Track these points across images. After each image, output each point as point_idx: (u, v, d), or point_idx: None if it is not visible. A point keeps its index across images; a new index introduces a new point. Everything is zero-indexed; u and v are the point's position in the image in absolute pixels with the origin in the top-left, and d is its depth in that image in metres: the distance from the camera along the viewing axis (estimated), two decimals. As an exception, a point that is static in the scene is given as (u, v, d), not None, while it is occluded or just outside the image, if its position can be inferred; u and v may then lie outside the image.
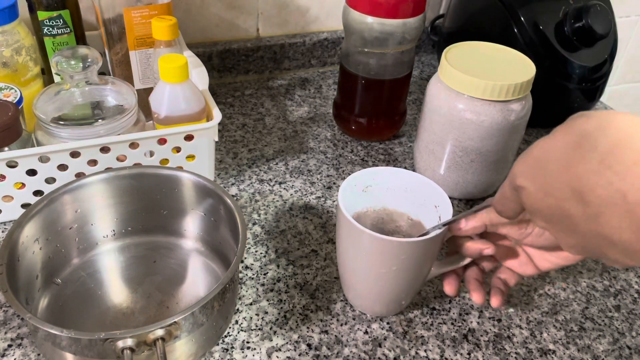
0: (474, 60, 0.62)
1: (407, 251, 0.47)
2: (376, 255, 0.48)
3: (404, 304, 0.53)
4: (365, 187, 0.53)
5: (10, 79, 0.65)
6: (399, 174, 0.53)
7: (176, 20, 0.63)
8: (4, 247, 0.45)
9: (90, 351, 0.41)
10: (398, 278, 0.49)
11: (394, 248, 0.46)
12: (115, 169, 0.54)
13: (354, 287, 0.53)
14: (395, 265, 0.47)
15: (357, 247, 0.48)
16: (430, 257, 0.49)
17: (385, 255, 0.47)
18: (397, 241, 0.46)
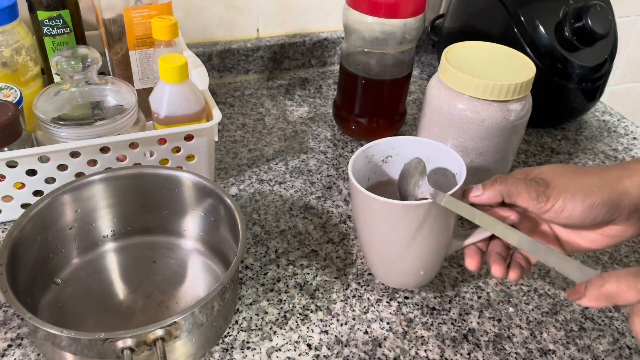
0: (474, 60, 0.62)
1: (415, 216, 0.45)
2: (384, 221, 0.47)
3: (423, 274, 0.52)
4: (385, 158, 0.52)
5: (10, 79, 0.65)
6: (419, 143, 0.52)
7: (176, 20, 0.63)
8: (4, 247, 0.45)
9: (90, 351, 0.41)
10: (411, 245, 0.48)
11: (399, 212, 0.45)
12: (115, 169, 0.54)
13: (370, 255, 0.53)
14: (404, 231, 0.46)
15: (366, 213, 0.48)
16: (444, 225, 0.47)
17: (393, 220, 0.46)
18: (401, 204, 0.45)
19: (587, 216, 0.44)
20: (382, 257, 0.52)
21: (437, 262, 0.52)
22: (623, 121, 0.87)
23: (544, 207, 0.45)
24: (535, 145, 0.80)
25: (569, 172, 0.46)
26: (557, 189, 0.44)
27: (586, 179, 0.45)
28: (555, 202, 0.44)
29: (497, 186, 0.46)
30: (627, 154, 0.80)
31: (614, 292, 0.37)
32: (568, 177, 0.45)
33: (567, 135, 0.83)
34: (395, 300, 0.55)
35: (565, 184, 0.44)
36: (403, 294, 0.56)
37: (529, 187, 0.45)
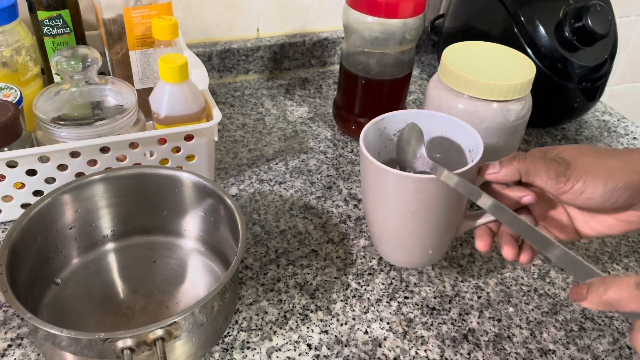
0: (474, 60, 0.62)
1: (425, 189, 0.44)
2: (393, 193, 0.45)
3: (432, 253, 0.50)
4: (397, 132, 0.50)
5: (10, 79, 0.65)
6: (433, 117, 0.50)
7: (176, 20, 0.63)
8: (4, 247, 0.45)
9: (90, 351, 0.41)
10: (419, 220, 0.46)
11: (410, 184, 0.43)
12: (115, 169, 0.55)
13: (378, 232, 0.51)
14: (414, 206, 0.45)
15: (376, 186, 0.46)
16: (454, 201, 0.46)
17: (402, 192, 0.44)
18: (413, 177, 0.43)
19: (607, 199, 0.42)
20: (390, 233, 0.50)
21: (446, 241, 0.50)
22: (623, 121, 0.87)
23: (563, 187, 0.43)
24: (535, 145, 0.80)
25: (591, 152, 0.44)
26: (578, 170, 0.42)
27: (609, 161, 0.43)
28: (575, 183, 0.42)
29: (515, 164, 0.44)
30: (627, 154, 0.80)
31: (616, 301, 0.35)
32: (590, 158, 0.43)
33: (567, 135, 0.83)
34: (395, 300, 0.55)
35: (587, 164, 0.43)
36: (403, 294, 0.56)
37: (549, 167, 0.43)
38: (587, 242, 0.64)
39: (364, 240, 0.62)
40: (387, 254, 0.54)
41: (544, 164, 0.43)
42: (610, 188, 0.42)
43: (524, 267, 0.60)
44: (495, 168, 0.44)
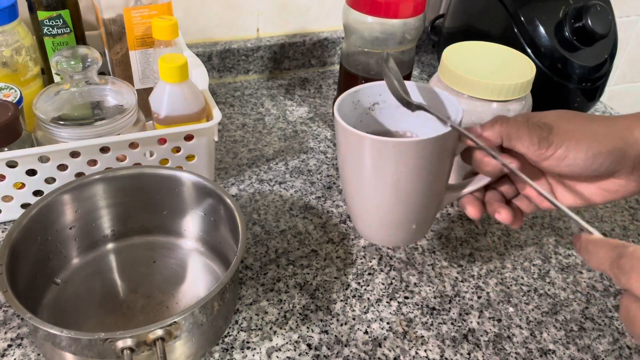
0: (474, 60, 0.62)
1: (406, 154, 0.42)
2: (372, 162, 0.43)
3: (415, 228, 0.48)
4: (372, 105, 0.48)
5: (10, 79, 0.65)
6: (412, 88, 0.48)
7: (176, 20, 0.63)
8: (4, 247, 0.45)
9: (90, 351, 0.41)
10: (401, 190, 0.44)
11: (390, 149, 0.41)
12: (115, 169, 0.55)
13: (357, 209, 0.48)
14: (395, 174, 0.43)
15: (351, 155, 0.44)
16: (436, 168, 0.44)
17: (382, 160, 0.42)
18: (391, 141, 0.41)
19: (590, 165, 0.41)
20: (371, 208, 0.48)
21: (430, 214, 0.48)
22: None
23: (545, 153, 0.42)
24: (535, 145, 0.80)
25: (575, 118, 0.42)
26: (561, 135, 0.41)
27: (593, 126, 0.42)
28: (558, 149, 0.41)
29: (497, 127, 0.42)
30: None
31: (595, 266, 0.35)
32: (574, 123, 0.42)
33: (567, 135, 0.83)
34: (395, 300, 0.55)
35: (570, 130, 0.41)
36: (403, 294, 0.56)
37: (531, 131, 0.41)
38: (587, 242, 0.64)
39: (364, 240, 0.62)
40: (369, 232, 0.51)
41: (526, 128, 0.42)
42: (593, 154, 0.41)
43: (524, 267, 0.60)
44: (477, 130, 0.43)
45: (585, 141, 0.41)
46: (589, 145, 0.41)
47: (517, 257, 0.61)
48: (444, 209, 0.48)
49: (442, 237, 0.63)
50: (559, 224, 0.66)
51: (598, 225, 0.67)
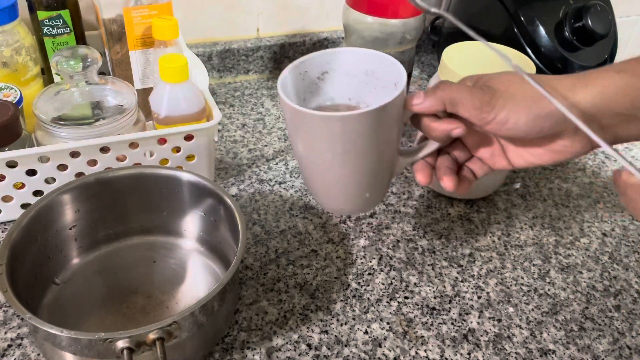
0: (474, 60, 0.62)
1: (351, 127, 0.41)
2: (316, 137, 0.43)
3: (369, 197, 0.48)
4: (321, 74, 0.47)
5: (10, 79, 0.65)
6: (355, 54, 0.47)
7: (176, 20, 0.63)
8: (4, 247, 0.45)
9: (90, 351, 0.41)
10: (350, 162, 0.44)
11: (334, 124, 0.41)
12: (115, 169, 0.54)
13: (311, 181, 0.48)
14: (341, 147, 0.42)
15: (298, 131, 0.44)
16: (385, 136, 0.43)
17: (325, 135, 0.42)
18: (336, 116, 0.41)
19: (532, 128, 0.41)
20: (323, 180, 0.47)
21: (383, 181, 0.48)
22: None
23: (486, 117, 0.41)
24: (535, 145, 0.80)
25: (519, 79, 0.42)
26: (503, 98, 0.41)
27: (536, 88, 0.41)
28: (499, 113, 0.41)
29: (439, 93, 0.42)
30: (627, 154, 0.80)
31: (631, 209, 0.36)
32: (517, 86, 0.42)
33: (567, 135, 0.83)
34: (395, 300, 0.55)
35: (512, 92, 0.41)
36: (403, 294, 0.56)
37: (473, 96, 0.41)
38: (587, 242, 0.64)
39: (364, 240, 0.62)
40: (325, 202, 0.50)
41: (468, 93, 0.41)
42: (533, 117, 0.41)
43: (524, 267, 0.60)
44: (419, 98, 0.42)
45: (526, 104, 0.41)
46: (529, 108, 0.41)
47: (517, 257, 0.61)
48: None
49: (442, 237, 0.63)
50: (559, 224, 0.66)
51: (598, 225, 0.67)
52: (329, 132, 0.42)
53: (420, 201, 0.68)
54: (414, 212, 0.66)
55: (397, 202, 0.67)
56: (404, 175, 0.72)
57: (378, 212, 0.66)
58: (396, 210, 0.66)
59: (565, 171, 0.75)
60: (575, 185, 0.73)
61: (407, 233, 0.63)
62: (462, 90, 0.42)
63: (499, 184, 0.69)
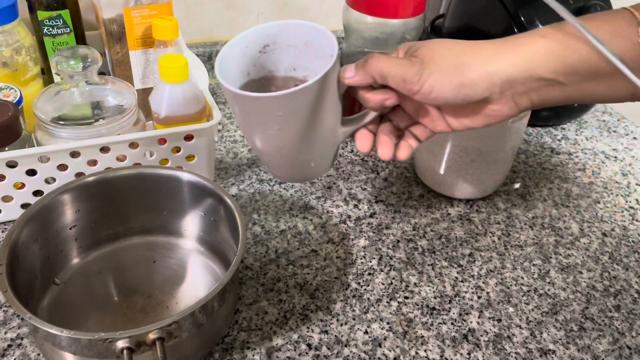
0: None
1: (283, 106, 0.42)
2: (254, 115, 0.44)
3: (314, 166, 0.50)
4: (263, 47, 0.48)
5: (10, 79, 0.65)
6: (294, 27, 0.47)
7: (176, 20, 0.63)
8: (4, 247, 0.45)
9: (90, 351, 0.41)
10: (288, 137, 0.45)
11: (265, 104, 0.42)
12: (115, 169, 0.54)
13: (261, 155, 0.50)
14: (277, 124, 0.44)
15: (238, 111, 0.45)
16: (319, 110, 0.44)
17: (260, 114, 0.43)
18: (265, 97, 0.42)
19: (456, 96, 0.43)
20: (267, 153, 0.49)
21: (327, 150, 0.49)
22: (623, 121, 0.87)
23: (413, 88, 0.43)
24: (535, 145, 0.80)
25: (446, 48, 0.43)
26: (428, 69, 0.42)
27: (460, 57, 0.43)
28: (424, 84, 0.42)
29: (368, 67, 0.44)
30: (627, 154, 0.80)
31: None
32: (443, 54, 0.43)
33: (567, 135, 0.83)
34: (395, 300, 0.55)
35: (438, 62, 0.42)
36: (403, 294, 0.56)
37: (400, 68, 0.43)
38: (587, 242, 0.64)
39: (364, 240, 0.62)
40: (274, 172, 0.52)
41: (395, 65, 0.43)
42: (456, 85, 0.42)
43: (524, 267, 0.60)
44: (351, 72, 0.44)
45: (449, 74, 0.42)
46: (452, 77, 0.42)
47: (517, 257, 0.61)
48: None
49: (442, 237, 0.63)
50: (559, 224, 0.66)
51: (598, 225, 0.67)
52: (265, 111, 0.43)
53: (420, 201, 0.68)
54: (414, 212, 0.66)
55: (397, 202, 0.67)
56: (404, 176, 0.72)
57: (378, 212, 0.66)
58: (396, 210, 0.66)
59: (565, 171, 0.75)
60: (575, 185, 0.73)
61: (407, 233, 0.63)
62: (390, 63, 0.43)
63: (499, 184, 0.69)
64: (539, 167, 0.76)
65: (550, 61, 0.42)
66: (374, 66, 0.43)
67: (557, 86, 0.43)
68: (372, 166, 0.73)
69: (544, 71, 0.42)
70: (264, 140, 0.47)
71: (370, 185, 0.70)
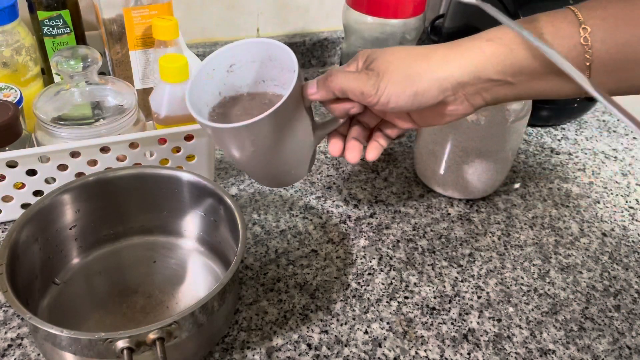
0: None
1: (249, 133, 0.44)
2: (228, 143, 0.46)
3: (295, 173, 0.52)
4: (229, 67, 0.50)
5: (10, 79, 0.65)
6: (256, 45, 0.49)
7: (176, 20, 0.63)
8: (4, 247, 0.45)
9: (90, 351, 0.41)
10: (266, 156, 0.48)
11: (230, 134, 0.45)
12: (115, 169, 0.54)
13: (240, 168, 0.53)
14: (252, 147, 0.46)
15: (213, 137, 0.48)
16: (287, 126, 0.46)
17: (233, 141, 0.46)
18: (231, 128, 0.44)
19: (412, 104, 0.45)
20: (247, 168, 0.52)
21: (305, 158, 0.51)
22: (623, 121, 0.87)
23: (371, 101, 0.45)
24: (535, 145, 0.80)
25: (401, 59, 0.45)
26: (384, 81, 0.44)
27: (413, 66, 0.45)
28: (381, 96, 0.45)
29: (328, 84, 0.46)
30: (627, 154, 0.80)
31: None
32: (397, 65, 0.45)
33: (567, 135, 0.83)
34: (395, 300, 0.55)
35: (392, 73, 0.44)
36: (403, 294, 0.56)
37: (358, 83, 0.45)
38: (587, 242, 0.64)
39: (364, 240, 0.62)
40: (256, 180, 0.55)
41: (354, 80, 0.45)
42: (410, 95, 0.44)
43: (524, 267, 0.60)
44: (313, 88, 0.47)
45: (403, 84, 0.44)
46: (406, 88, 0.44)
47: (517, 257, 0.61)
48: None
49: (442, 237, 0.63)
50: (559, 224, 0.66)
51: (598, 225, 0.67)
52: (237, 137, 0.46)
53: (420, 201, 0.68)
54: (414, 212, 0.66)
55: (397, 202, 0.67)
56: (404, 176, 0.72)
57: (378, 212, 0.66)
58: (396, 210, 0.66)
59: (565, 171, 0.75)
60: (575, 185, 0.73)
61: (407, 233, 0.63)
62: (349, 79, 0.46)
63: (499, 184, 0.69)
64: (539, 167, 0.76)
65: (496, 64, 0.44)
66: (334, 83, 0.46)
67: (506, 85, 0.45)
68: (372, 166, 0.73)
69: (492, 73, 0.44)
70: (242, 160, 0.49)
71: (370, 185, 0.70)
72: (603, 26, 0.41)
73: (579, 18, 0.42)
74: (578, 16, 0.42)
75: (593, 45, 0.41)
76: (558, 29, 0.42)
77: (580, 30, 0.42)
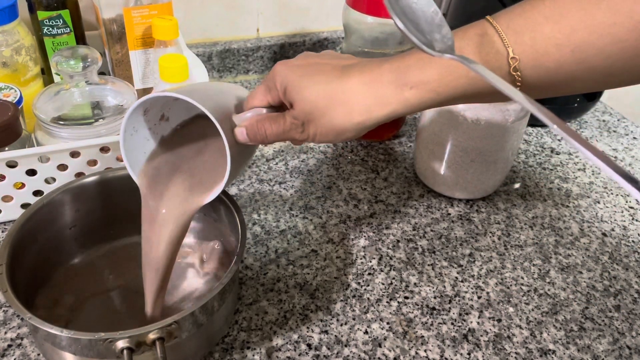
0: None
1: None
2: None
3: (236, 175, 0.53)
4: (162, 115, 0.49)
5: (10, 79, 0.65)
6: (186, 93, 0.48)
7: (176, 20, 0.63)
8: (4, 247, 0.45)
9: (90, 351, 0.41)
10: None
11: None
12: (115, 169, 0.54)
13: None
14: None
15: None
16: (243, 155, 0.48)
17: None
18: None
19: (337, 140, 0.47)
20: None
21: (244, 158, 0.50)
22: (623, 121, 0.87)
23: (303, 142, 0.48)
24: (535, 145, 0.80)
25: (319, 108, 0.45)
26: (311, 128, 0.46)
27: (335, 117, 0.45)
28: (310, 138, 0.47)
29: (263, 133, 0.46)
30: (627, 153, 0.80)
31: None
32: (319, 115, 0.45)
33: (567, 135, 0.83)
34: (395, 300, 0.55)
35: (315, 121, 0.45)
36: (403, 294, 0.56)
37: (287, 135, 0.46)
38: (587, 242, 0.64)
39: (364, 240, 0.62)
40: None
41: (283, 133, 0.46)
42: (334, 136, 0.46)
43: (524, 267, 0.60)
44: (244, 137, 0.46)
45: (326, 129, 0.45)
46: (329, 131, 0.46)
47: (517, 257, 0.61)
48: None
49: (442, 237, 0.63)
50: (559, 224, 0.66)
51: (598, 225, 0.67)
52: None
53: (420, 201, 0.68)
54: (414, 212, 0.66)
55: (397, 202, 0.67)
56: (404, 176, 0.72)
57: (378, 212, 0.66)
58: (396, 210, 0.66)
59: (565, 171, 0.75)
60: (575, 185, 0.73)
61: (407, 233, 0.63)
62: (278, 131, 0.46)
63: (499, 184, 0.69)
64: (539, 167, 0.76)
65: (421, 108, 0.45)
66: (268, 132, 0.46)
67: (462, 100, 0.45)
68: (372, 166, 0.73)
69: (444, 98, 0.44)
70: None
71: (370, 185, 0.70)
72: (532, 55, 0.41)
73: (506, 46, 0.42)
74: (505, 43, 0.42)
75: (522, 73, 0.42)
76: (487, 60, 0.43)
77: (509, 59, 0.42)
